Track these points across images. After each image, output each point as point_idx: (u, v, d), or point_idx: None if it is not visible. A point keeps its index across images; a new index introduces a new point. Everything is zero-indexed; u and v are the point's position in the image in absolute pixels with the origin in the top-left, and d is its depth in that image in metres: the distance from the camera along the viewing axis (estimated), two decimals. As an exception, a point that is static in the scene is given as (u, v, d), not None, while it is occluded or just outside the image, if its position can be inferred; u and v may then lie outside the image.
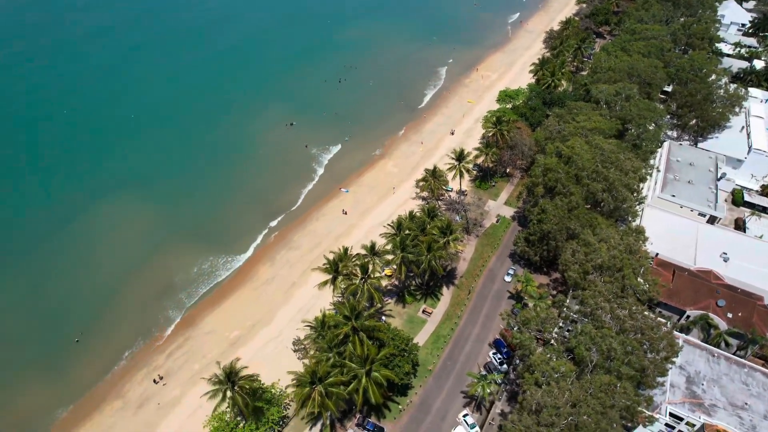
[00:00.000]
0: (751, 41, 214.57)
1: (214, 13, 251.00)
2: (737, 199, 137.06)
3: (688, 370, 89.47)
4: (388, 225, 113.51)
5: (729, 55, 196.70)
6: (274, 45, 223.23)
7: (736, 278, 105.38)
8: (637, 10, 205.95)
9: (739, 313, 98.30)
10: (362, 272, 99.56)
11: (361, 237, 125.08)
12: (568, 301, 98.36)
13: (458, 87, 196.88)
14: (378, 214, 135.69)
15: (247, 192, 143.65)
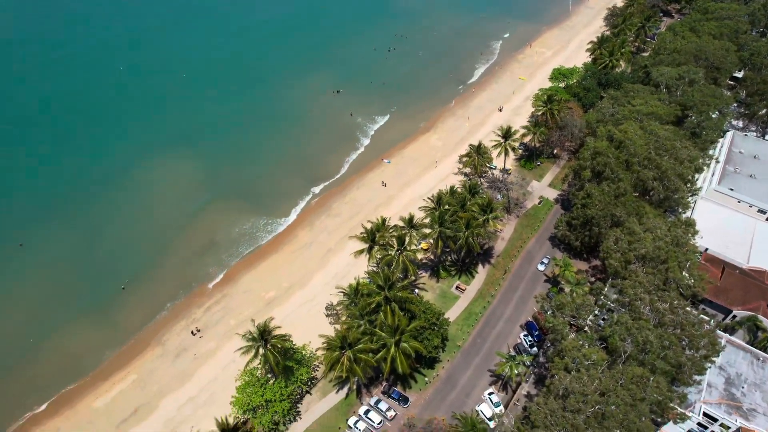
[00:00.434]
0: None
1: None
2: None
3: (729, 372, 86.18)
4: (428, 199, 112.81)
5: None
6: (328, 11, 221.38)
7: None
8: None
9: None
10: (398, 244, 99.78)
11: (400, 209, 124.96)
12: (606, 289, 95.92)
13: (510, 63, 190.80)
14: (418, 187, 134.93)
15: (292, 156, 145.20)
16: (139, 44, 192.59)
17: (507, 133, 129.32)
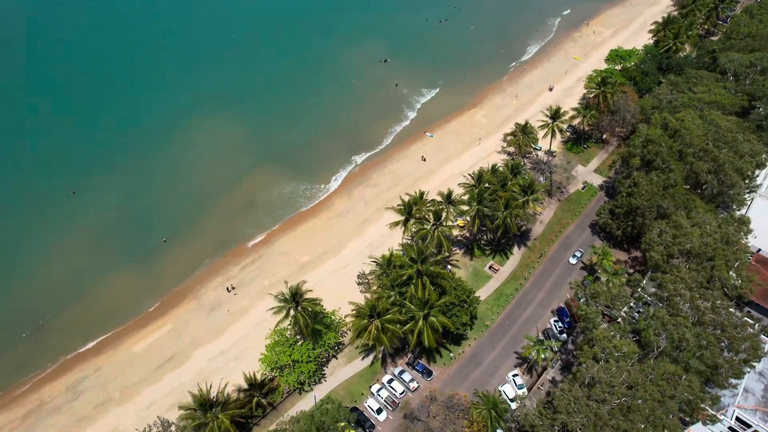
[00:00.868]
0: None
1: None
2: None
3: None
4: (468, 175, 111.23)
5: None
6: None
7: None
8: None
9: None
10: (435, 218, 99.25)
11: (439, 184, 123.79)
12: (645, 282, 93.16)
13: (566, 41, 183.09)
14: (459, 163, 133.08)
15: (336, 123, 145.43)
16: (192, 4, 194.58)
17: (555, 114, 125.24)
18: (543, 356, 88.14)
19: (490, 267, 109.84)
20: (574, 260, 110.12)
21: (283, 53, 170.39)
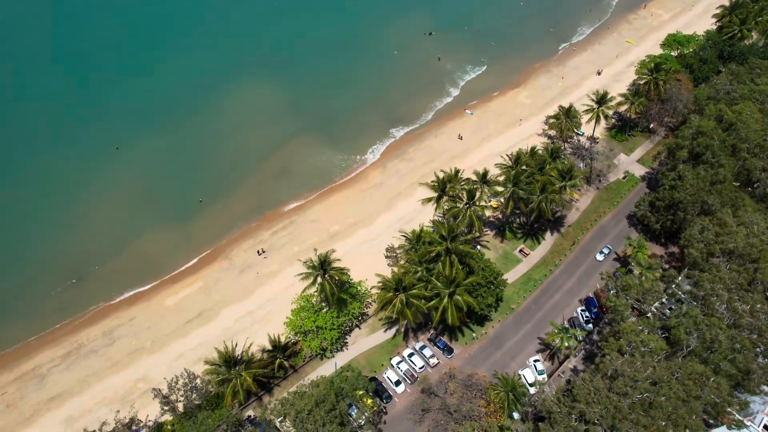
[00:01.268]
0: None
1: None
2: None
3: (802, 387, 79.88)
4: (506, 156, 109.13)
5: None
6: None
7: None
8: None
9: None
10: (468, 197, 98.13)
11: (475, 163, 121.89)
12: (680, 279, 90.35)
13: (620, 23, 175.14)
14: (498, 144, 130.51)
15: (376, 95, 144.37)
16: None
17: (602, 99, 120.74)
18: (566, 344, 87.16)
19: (521, 251, 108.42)
20: (601, 257, 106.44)
21: (326, 21, 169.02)
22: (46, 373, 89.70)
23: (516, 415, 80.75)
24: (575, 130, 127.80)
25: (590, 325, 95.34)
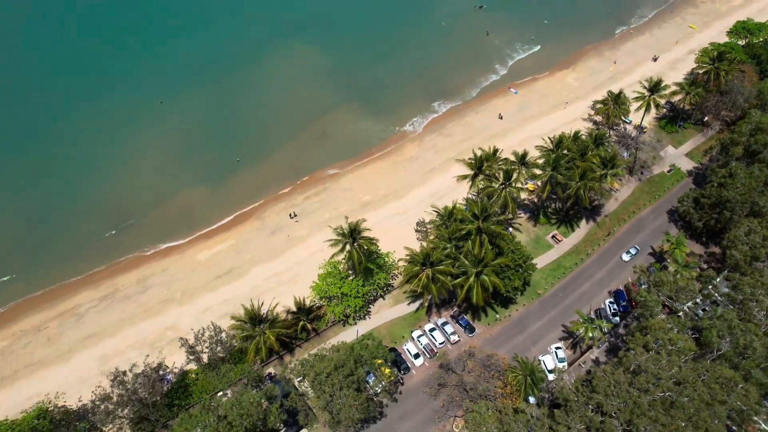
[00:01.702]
0: None
1: None
2: None
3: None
4: (548, 138, 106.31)
5: None
6: None
7: None
8: None
9: None
10: (504, 178, 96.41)
11: (515, 143, 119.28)
12: (718, 280, 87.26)
13: (685, 7, 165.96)
14: (540, 125, 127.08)
15: (419, 66, 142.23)
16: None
17: (655, 87, 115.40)
18: (591, 335, 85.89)
19: (553, 236, 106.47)
20: (627, 257, 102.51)
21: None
22: (84, 313, 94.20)
23: (532, 400, 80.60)
24: (623, 118, 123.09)
25: (617, 318, 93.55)
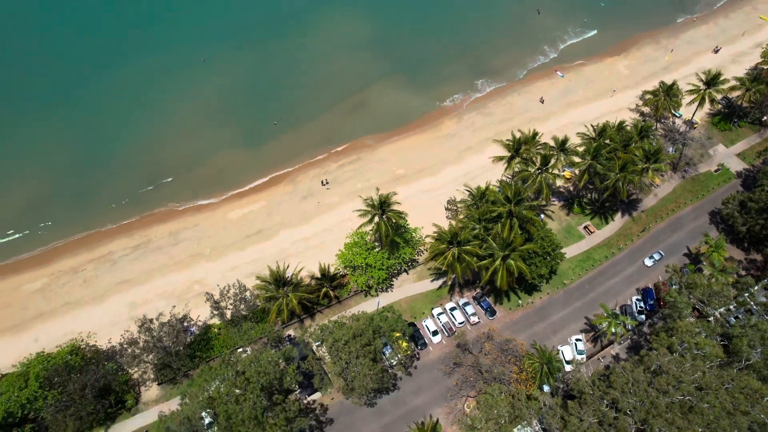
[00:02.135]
0: None
1: None
2: None
3: None
4: (590, 126, 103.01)
5: None
6: None
7: None
8: None
9: None
10: (542, 163, 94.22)
11: (555, 128, 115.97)
12: (756, 288, 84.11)
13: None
14: (584, 112, 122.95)
15: (464, 42, 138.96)
16: None
17: (712, 80, 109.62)
18: (613, 330, 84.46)
19: (585, 227, 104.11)
20: (650, 263, 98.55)
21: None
22: (118, 260, 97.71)
23: (546, 388, 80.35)
24: (672, 111, 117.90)
25: (642, 316, 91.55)
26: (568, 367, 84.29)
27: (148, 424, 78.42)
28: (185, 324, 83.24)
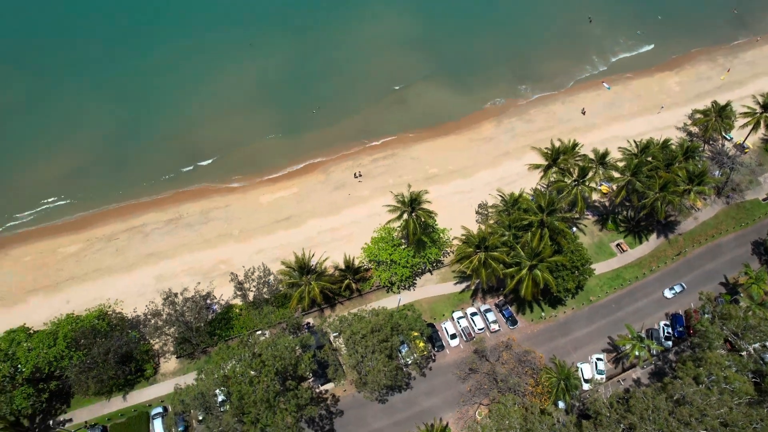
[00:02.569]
0: None
1: None
2: None
3: None
4: (633, 141, 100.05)
5: None
6: None
7: None
8: None
9: None
10: (579, 175, 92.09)
11: (597, 141, 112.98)
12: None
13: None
14: (627, 127, 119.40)
15: (510, 46, 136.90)
16: None
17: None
18: (637, 353, 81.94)
19: (618, 245, 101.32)
20: (670, 294, 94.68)
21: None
22: (150, 233, 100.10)
23: (561, 405, 78.73)
24: (723, 133, 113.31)
25: (669, 343, 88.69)
26: (586, 386, 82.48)
27: (164, 395, 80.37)
28: (208, 301, 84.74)
